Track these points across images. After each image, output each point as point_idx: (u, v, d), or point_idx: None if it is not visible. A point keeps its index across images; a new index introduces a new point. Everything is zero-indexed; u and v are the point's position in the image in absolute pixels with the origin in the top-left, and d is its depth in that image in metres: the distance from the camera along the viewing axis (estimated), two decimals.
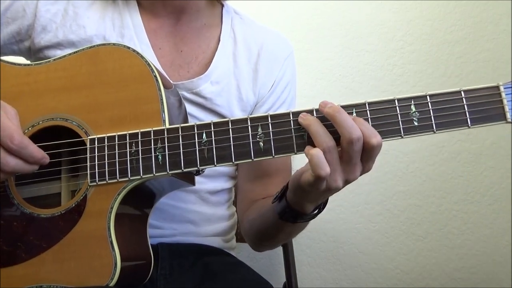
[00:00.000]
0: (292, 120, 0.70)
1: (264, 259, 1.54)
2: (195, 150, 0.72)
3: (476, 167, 1.50)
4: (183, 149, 0.72)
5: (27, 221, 0.76)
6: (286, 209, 0.78)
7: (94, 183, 0.74)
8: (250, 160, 0.71)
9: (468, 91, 0.68)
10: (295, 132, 0.70)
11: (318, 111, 0.70)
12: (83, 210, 0.74)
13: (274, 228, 0.87)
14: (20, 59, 0.95)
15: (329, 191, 0.70)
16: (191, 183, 0.83)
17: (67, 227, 0.74)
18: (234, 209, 1.07)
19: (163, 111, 0.75)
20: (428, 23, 1.55)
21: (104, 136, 0.75)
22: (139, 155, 0.73)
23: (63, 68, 0.81)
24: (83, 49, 0.81)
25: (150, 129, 0.74)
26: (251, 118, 0.72)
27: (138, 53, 0.79)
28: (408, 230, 1.53)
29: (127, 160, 0.73)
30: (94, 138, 0.75)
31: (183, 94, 0.91)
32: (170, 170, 0.72)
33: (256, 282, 0.91)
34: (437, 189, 1.52)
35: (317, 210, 0.79)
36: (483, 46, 1.51)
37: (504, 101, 0.67)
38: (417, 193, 1.53)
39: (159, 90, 0.76)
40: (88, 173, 0.75)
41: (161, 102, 0.75)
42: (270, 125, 0.71)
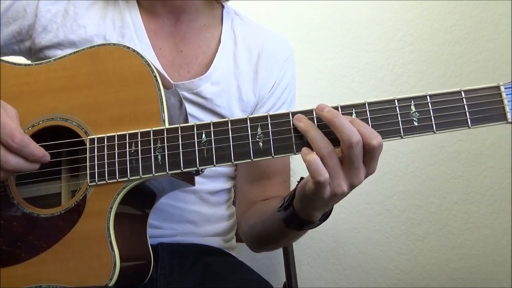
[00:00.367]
0: (291, 120, 0.70)
1: (264, 259, 1.54)
2: (195, 150, 0.72)
3: (476, 167, 1.50)
4: (182, 149, 0.72)
5: (27, 221, 0.75)
6: (292, 217, 0.78)
7: (94, 183, 0.74)
8: (249, 160, 0.71)
9: (468, 91, 0.68)
10: (294, 132, 0.70)
11: None
12: (82, 210, 0.74)
13: (278, 234, 0.87)
14: (21, 59, 0.95)
15: (335, 197, 0.69)
16: (191, 183, 0.83)
17: (66, 227, 0.74)
18: (234, 209, 1.07)
19: (163, 111, 0.75)
20: (428, 23, 1.55)
21: (104, 136, 0.75)
22: (138, 155, 0.73)
23: (63, 68, 0.81)
24: (83, 49, 0.81)
25: (149, 129, 0.74)
26: (250, 118, 0.72)
27: (138, 53, 0.79)
28: (408, 230, 1.53)
29: (126, 160, 0.73)
30: (94, 138, 0.75)
31: (183, 94, 0.91)
32: (169, 170, 0.72)
33: (256, 282, 0.91)
34: (437, 189, 1.52)
35: (324, 216, 0.78)
36: (483, 46, 1.52)
37: (505, 101, 0.67)
38: (417, 193, 1.53)
39: (159, 90, 0.76)
40: (88, 173, 0.74)
41: (161, 102, 0.75)
42: (270, 125, 0.71)
